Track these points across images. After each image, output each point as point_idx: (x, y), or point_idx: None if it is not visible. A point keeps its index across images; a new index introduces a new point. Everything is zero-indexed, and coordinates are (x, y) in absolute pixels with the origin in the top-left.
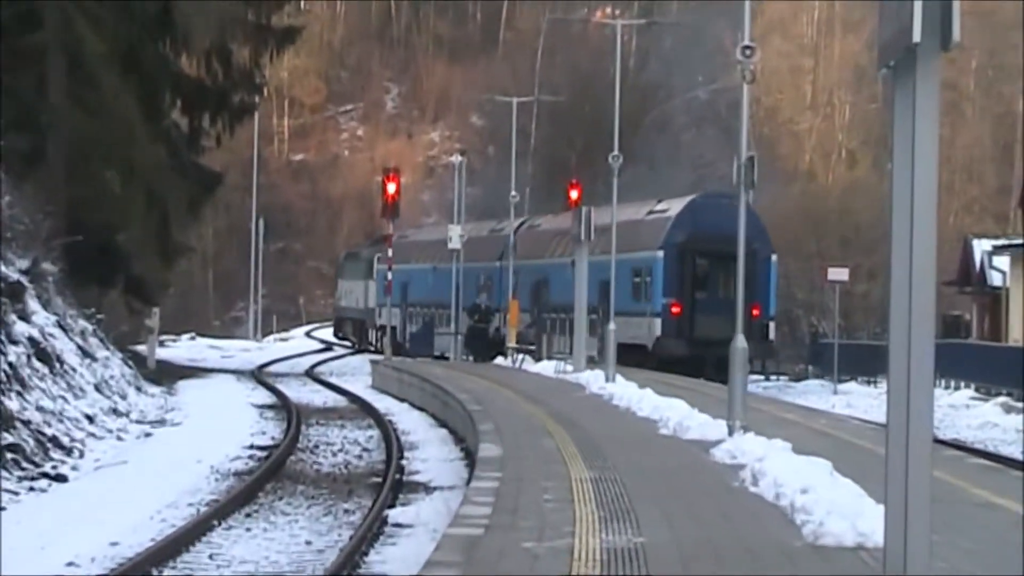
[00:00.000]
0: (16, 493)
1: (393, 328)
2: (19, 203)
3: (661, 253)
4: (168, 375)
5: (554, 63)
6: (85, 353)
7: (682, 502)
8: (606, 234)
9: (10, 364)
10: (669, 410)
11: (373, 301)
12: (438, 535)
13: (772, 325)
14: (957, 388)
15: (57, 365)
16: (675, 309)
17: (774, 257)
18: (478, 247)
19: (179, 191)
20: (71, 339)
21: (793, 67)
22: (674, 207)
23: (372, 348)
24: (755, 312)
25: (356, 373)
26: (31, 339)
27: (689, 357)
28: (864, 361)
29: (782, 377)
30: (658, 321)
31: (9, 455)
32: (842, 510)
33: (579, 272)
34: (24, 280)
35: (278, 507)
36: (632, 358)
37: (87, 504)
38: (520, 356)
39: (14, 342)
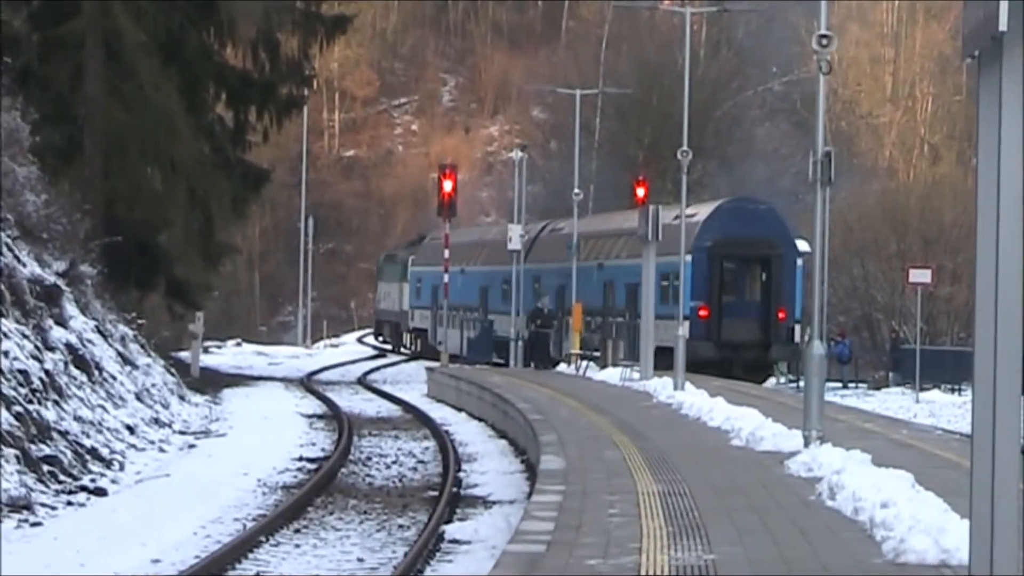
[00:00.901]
0: (53, 508)
1: (424, 331)
2: (55, 201)
3: (689, 257)
4: (212, 383)
5: (620, 53)
6: (125, 360)
7: (755, 517)
8: (634, 237)
9: (47, 372)
10: (741, 420)
11: (407, 303)
12: (497, 552)
13: (798, 328)
14: None
15: (96, 373)
16: (703, 313)
17: (800, 260)
18: (501, 250)
19: (223, 188)
20: (110, 345)
21: (872, 57)
22: (702, 212)
23: (407, 351)
24: (781, 315)
25: (411, 381)
26: (68, 345)
27: (717, 360)
28: (948, 368)
29: (861, 385)
30: (686, 324)
31: (46, 467)
32: (925, 526)
33: (646, 274)
34: (61, 283)
35: (329, 522)
36: (661, 361)
37: (128, 519)
38: (584, 363)
39: (51, 348)
